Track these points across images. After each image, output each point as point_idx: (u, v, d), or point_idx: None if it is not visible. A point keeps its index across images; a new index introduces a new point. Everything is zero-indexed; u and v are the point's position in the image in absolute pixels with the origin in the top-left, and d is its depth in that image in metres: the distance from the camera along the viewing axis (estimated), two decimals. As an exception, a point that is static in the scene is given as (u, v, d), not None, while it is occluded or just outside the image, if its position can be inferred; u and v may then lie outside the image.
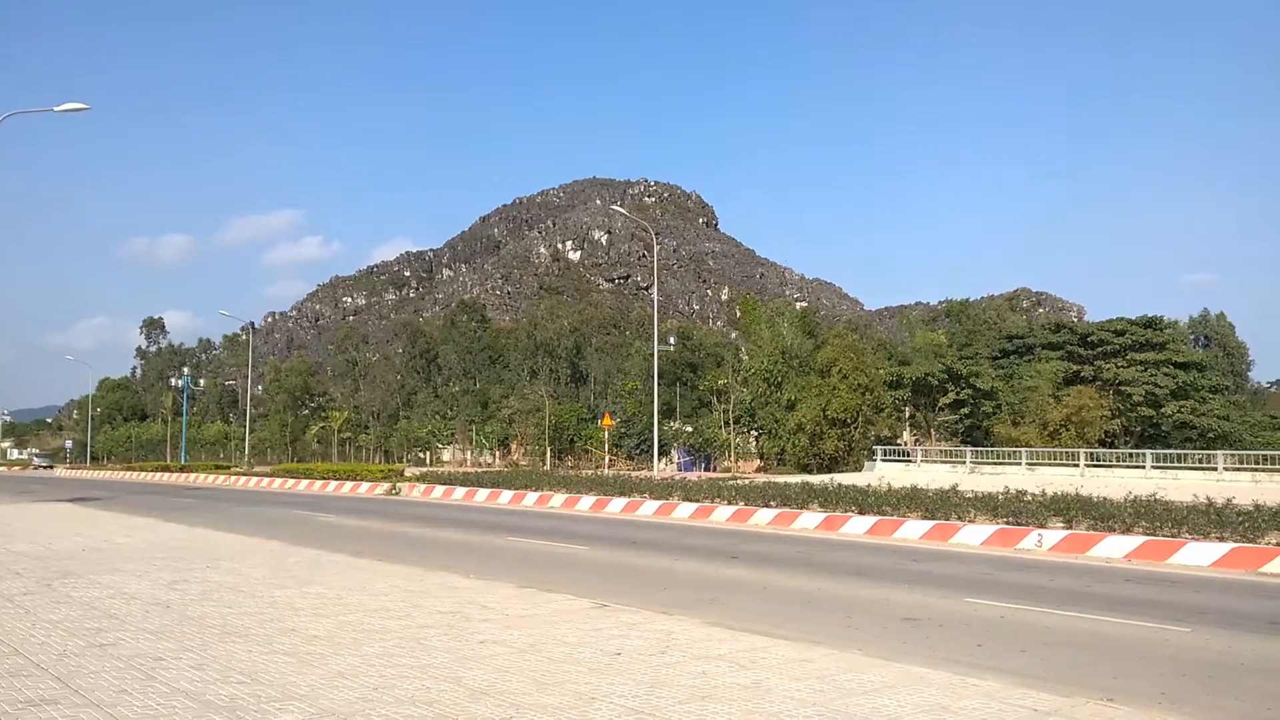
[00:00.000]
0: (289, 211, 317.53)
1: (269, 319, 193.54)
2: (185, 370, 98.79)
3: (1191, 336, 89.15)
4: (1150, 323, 66.94)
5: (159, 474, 59.96)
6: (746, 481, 30.90)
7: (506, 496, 30.36)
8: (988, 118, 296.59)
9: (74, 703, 6.26)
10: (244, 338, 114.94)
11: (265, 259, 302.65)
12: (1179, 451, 44.52)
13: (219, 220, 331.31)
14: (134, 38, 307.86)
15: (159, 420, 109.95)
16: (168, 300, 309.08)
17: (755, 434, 60.06)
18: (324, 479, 43.05)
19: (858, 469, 46.81)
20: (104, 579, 12.37)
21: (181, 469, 62.16)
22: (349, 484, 40.04)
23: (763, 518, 22.22)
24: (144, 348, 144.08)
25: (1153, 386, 63.05)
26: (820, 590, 12.59)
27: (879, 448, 50.38)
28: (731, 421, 59.66)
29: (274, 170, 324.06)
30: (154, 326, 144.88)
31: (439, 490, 34.12)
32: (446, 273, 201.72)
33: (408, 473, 45.35)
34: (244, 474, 52.28)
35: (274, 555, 15.42)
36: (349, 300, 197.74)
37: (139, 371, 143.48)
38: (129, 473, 66.05)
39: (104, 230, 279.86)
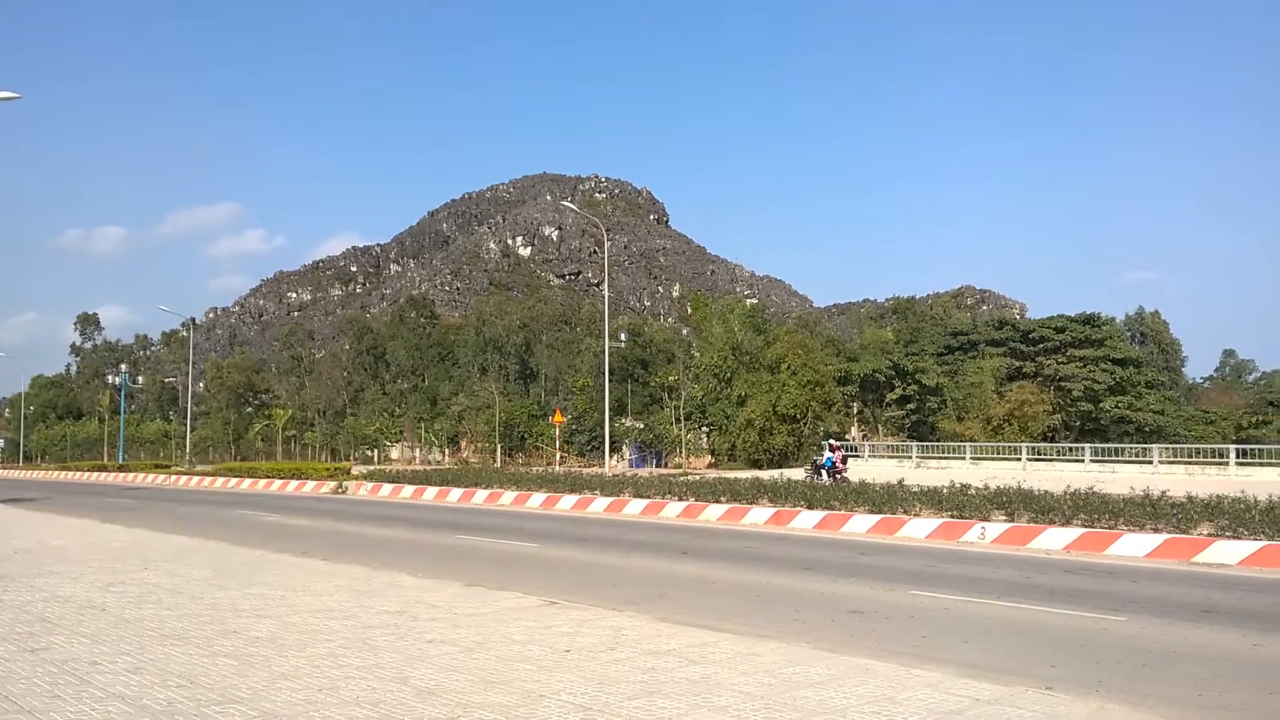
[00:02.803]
0: (231, 204, 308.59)
1: (210, 314, 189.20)
2: (123, 367, 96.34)
3: (1128, 333, 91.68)
4: (1089, 320, 68.72)
5: (95, 474, 58.37)
6: (697, 477, 31.04)
7: (456, 494, 30.10)
8: (935, 119, 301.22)
9: (4, 709, 6.05)
10: (184, 333, 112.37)
11: (206, 253, 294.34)
12: (1116, 445, 45.76)
13: (157, 212, 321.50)
14: (66, 24, 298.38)
15: (95, 419, 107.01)
16: (103, 295, 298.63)
17: (706, 430, 60.36)
18: (268, 478, 42.29)
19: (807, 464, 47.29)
20: (37, 582, 12.01)
21: (119, 468, 60.59)
22: (294, 483, 39.38)
23: (713, 513, 22.32)
24: (79, 344, 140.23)
25: (1091, 382, 64.75)
26: (769, 584, 12.69)
27: (827, 443, 50.94)
28: (682, 418, 59.87)
29: (215, 161, 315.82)
30: (89, 322, 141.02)
31: (387, 488, 33.72)
32: (394, 268, 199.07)
33: (355, 471, 44.75)
34: (185, 473, 51.13)
35: (215, 556, 15.10)
36: (294, 296, 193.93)
37: (74, 369, 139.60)
38: (64, 473, 64.19)
39: (34, 222, 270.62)
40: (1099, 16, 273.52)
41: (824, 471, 29.54)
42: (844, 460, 30.71)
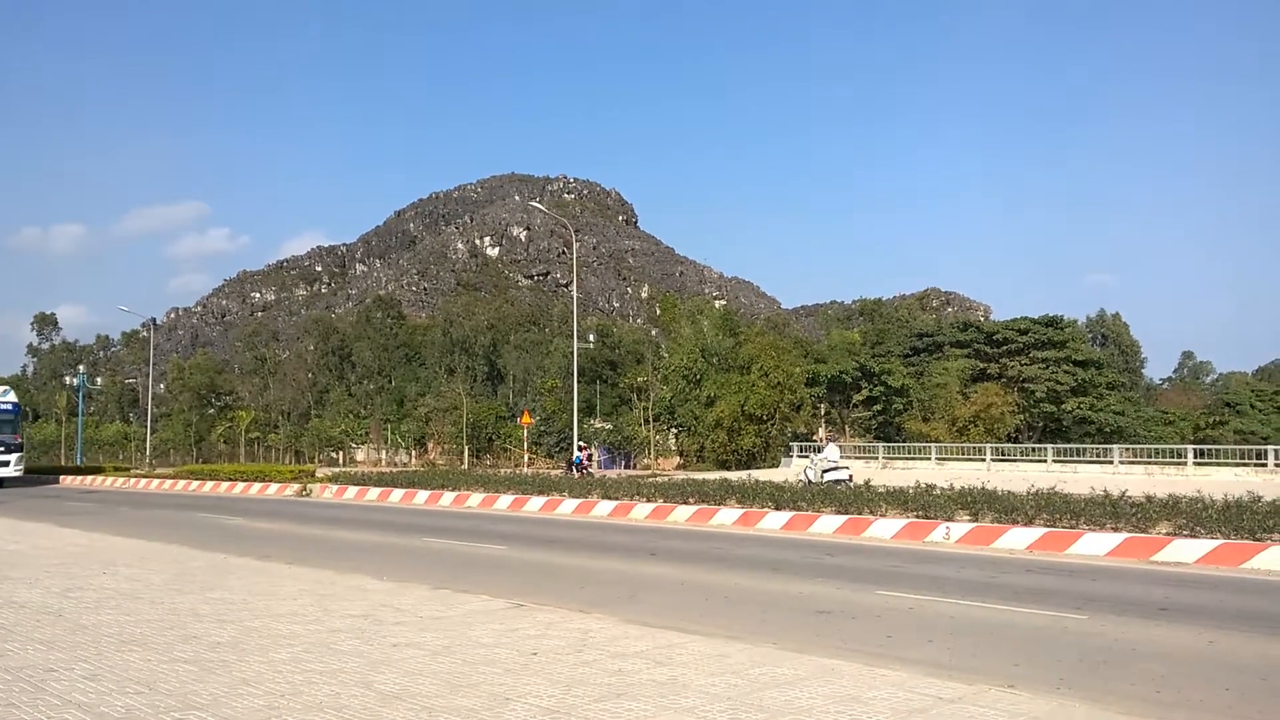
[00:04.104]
0: (193, 203, 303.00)
1: (172, 315, 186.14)
2: (80, 368, 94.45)
3: (1089, 335, 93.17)
4: (1051, 322, 69.72)
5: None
6: (666, 479, 31.07)
7: (422, 497, 29.87)
8: (903, 123, 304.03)
9: (-46, 720, 5.91)
10: (144, 334, 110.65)
11: (168, 252, 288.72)
12: (1078, 446, 46.41)
13: (117, 210, 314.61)
14: (23, 16, 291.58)
15: (52, 420, 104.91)
16: (61, 294, 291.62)
17: (675, 431, 60.42)
18: (231, 480, 41.68)
19: (775, 465, 47.52)
20: (-10, 588, 11.74)
21: (77, 471, 59.38)
22: (257, 485, 38.88)
23: (681, 514, 22.35)
24: (36, 344, 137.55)
25: (1054, 383, 65.70)
26: (737, 585, 12.73)
27: (795, 444, 51.24)
28: (651, 419, 59.92)
29: (177, 159, 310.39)
30: (46, 322, 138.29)
31: (352, 491, 33.38)
32: (360, 268, 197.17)
33: (319, 473, 44.24)
34: (145, 476, 50.26)
35: (175, 560, 14.86)
36: (257, 296, 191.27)
37: (30, 369, 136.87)
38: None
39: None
40: (1069, 23, 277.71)
41: (574, 468, 38.41)
42: (589, 459, 42.26)
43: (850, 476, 28.17)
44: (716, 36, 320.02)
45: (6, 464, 43.37)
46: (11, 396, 45.25)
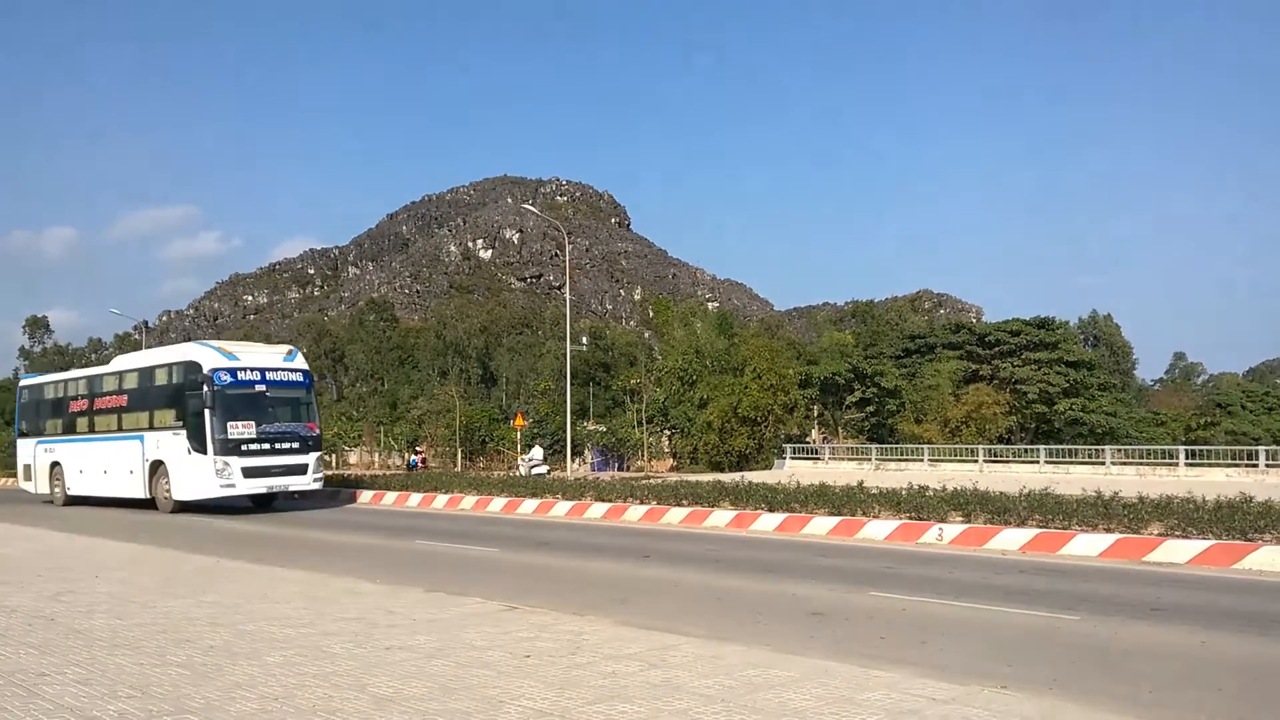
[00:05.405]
0: (185, 206, 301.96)
1: (164, 318, 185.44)
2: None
3: (1081, 337, 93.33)
4: (1043, 323, 69.83)
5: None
6: (659, 481, 31.05)
7: (415, 499, 29.80)
8: (893, 126, 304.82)
9: (-56, 725, 5.89)
10: (137, 337, 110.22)
11: (159, 255, 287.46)
12: (1070, 447, 46.48)
13: (108, 213, 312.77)
14: (16, 21, 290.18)
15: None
16: (53, 298, 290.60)
17: (668, 433, 60.35)
18: (224, 483, 41.48)
19: (768, 467, 47.51)
20: (-19, 592, 11.69)
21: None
22: (250, 488, 38.70)
23: (675, 516, 22.34)
24: (28, 348, 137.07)
25: (1046, 384, 65.81)
26: (730, 587, 12.74)
27: (788, 446, 51.27)
28: (644, 421, 59.86)
29: (168, 161, 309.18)
30: (38, 326, 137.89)
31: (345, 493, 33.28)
32: (353, 271, 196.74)
33: (313, 476, 44.00)
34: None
35: (168, 563, 14.82)
36: (250, 299, 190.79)
37: (22, 372, 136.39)
38: (10, 479, 62.46)
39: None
40: (1062, 24, 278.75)
41: (411, 468, 45.62)
42: (424, 461, 50.79)
43: (548, 471, 36.67)
44: (704, 43, 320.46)
45: (302, 469, 26.20)
46: (300, 362, 27.47)
